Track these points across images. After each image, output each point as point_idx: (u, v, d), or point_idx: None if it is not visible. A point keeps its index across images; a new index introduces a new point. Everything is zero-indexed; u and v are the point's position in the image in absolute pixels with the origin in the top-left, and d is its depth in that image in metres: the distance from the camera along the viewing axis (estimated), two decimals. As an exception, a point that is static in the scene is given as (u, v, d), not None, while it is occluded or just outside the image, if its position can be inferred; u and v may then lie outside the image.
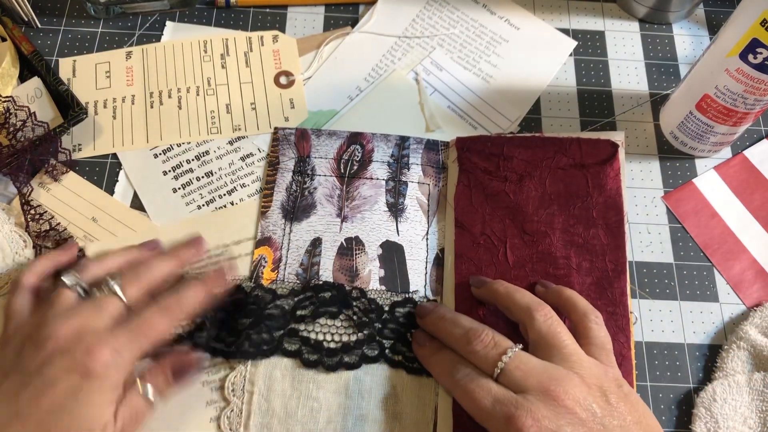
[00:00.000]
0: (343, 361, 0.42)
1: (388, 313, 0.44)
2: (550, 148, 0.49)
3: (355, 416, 0.41)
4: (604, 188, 0.47)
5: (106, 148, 0.51)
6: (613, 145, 0.48)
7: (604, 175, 0.48)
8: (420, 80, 0.54)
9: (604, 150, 0.48)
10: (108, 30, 0.56)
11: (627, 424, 0.35)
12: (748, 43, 0.42)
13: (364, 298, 0.44)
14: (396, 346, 0.43)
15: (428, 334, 0.42)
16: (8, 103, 0.48)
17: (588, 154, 0.48)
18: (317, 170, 0.49)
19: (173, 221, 0.48)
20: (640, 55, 0.57)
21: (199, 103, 0.53)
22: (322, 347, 0.43)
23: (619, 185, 0.47)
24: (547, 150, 0.49)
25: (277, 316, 0.43)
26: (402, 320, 0.44)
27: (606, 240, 0.46)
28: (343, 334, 0.43)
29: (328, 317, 0.44)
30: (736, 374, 0.44)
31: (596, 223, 0.46)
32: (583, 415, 0.35)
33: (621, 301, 0.44)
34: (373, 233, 0.47)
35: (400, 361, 0.43)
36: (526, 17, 0.58)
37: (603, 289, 0.44)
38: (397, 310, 0.44)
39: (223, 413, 0.41)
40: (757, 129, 0.54)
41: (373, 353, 0.43)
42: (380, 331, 0.43)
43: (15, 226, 0.46)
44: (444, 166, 0.50)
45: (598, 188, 0.47)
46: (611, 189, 0.47)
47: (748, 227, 0.50)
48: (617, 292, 0.44)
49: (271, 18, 0.57)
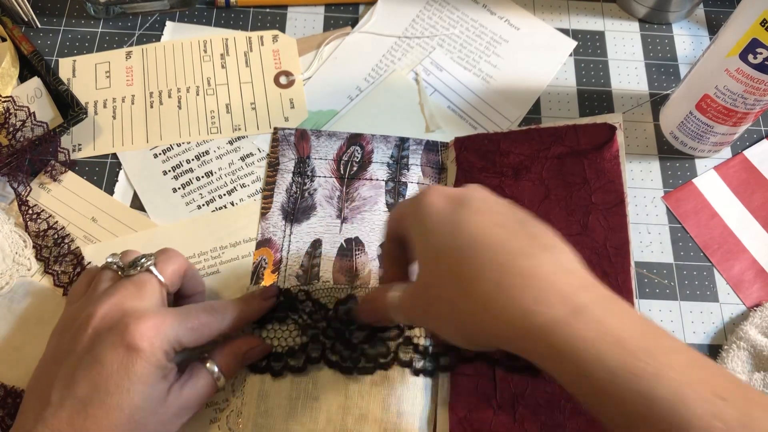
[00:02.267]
0: (288, 365, 0.42)
1: (332, 311, 0.44)
2: (546, 138, 0.48)
3: (355, 416, 0.41)
4: (603, 172, 0.47)
5: (106, 148, 0.51)
6: (611, 128, 0.48)
7: (601, 159, 0.47)
8: (420, 80, 0.54)
9: (602, 134, 0.48)
10: (108, 30, 0.56)
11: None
12: (748, 43, 0.42)
13: (309, 301, 0.44)
14: (335, 345, 0.43)
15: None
16: (8, 103, 0.48)
17: (585, 140, 0.48)
18: (317, 171, 0.49)
19: (173, 221, 0.48)
20: (640, 55, 0.57)
21: (198, 103, 0.53)
22: (271, 354, 0.43)
23: (618, 168, 0.47)
24: (544, 141, 0.48)
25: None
26: (344, 317, 0.43)
27: (606, 224, 0.45)
28: (288, 338, 0.43)
29: (276, 322, 0.43)
30: (736, 374, 0.44)
31: (596, 209, 0.46)
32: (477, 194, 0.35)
33: (625, 288, 0.44)
34: (373, 234, 0.47)
35: (335, 361, 0.42)
36: (526, 17, 0.58)
37: (605, 275, 0.44)
38: (339, 308, 0.44)
39: (224, 413, 0.41)
40: (757, 129, 0.54)
41: (315, 354, 0.42)
42: (324, 331, 0.43)
43: (15, 227, 0.46)
44: (443, 167, 0.50)
45: (596, 173, 0.47)
46: (610, 172, 0.47)
47: (748, 227, 0.50)
48: (621, 279, 0.44)
49: (271, 18, 0.57)
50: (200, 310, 0.39)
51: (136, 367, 0.35)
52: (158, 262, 0.39)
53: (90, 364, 0.35)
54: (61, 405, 0.34)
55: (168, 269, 0.39)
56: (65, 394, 0.34)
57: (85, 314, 0.37)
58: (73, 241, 0.46)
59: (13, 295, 0.44)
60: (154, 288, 0.38)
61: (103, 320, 0.36)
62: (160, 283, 0.39)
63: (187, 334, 0.37)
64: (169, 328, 0.36)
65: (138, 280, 0.38)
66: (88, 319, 0.36)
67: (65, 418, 0.34)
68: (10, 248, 0.45)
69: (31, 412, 0.35)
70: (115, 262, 0.40)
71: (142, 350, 0.35)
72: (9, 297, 0.44)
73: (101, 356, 0.35)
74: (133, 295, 0.37)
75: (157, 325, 0.36)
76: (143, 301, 0.37)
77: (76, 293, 0.40)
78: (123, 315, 0.36)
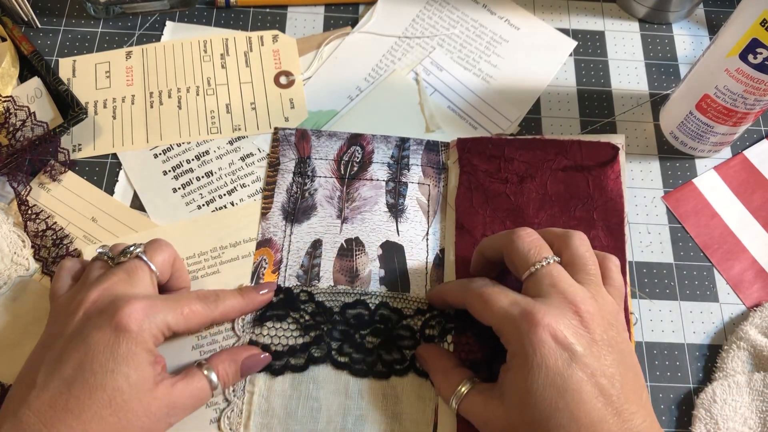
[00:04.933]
0: (290, 363, 0.42)
1: (338, 314, 0.44)
2: (550, 150, 0.49)
3: (355, 416, 0.41)
4: (605, 190, 0.47)
5: (106, 148, 0.51)
6: (614, 148, 0.49)
7: (604, 176, 0.48)
8: (420, 80, 0.54)
9: (604, 152, 0.49)
10: (108, 30, 0.56)
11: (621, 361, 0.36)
12: (748, 43, 0.42)
13: (312, 302, 0.44)
14: (343, 347, 0.43)
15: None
16: (8, 103, 0.48)
17: (588, 156, 0.48)
18: (317, 171, 0.49)
19: (173, 221, 0.48)
20: (640, 55, 0.57)
21: (199, 103, 0.53)
22: (269, 351, 0.42)
23: (620, 187, 0.47)
24: (548, 152, 0.49)
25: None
26: (352, 321, 0.44)
27: (606, 242, 0.46)
28: (290, 337, 0.43)
29: (275, 320, 0.43)
30: (736, 374, 0.44)
31: (596, 225, 0.46)
32: (596, 337, 0.35)
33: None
34: (374, 234, 0.47)
35: (345, 363, 0.43)
36: (526, 17, 0.58)
37: None
38: (347, 312, 0.44)
39: (224, 413, 0.41)
40: (757, 129, 0.54)
41: (318, 354, 0.43)
42: (329, 332, 0.43)
43: (14, 226, 0.46)
44: (444, 167, 0.50)
45: (599, 190, 0.47)
46: (612, 191, 0.47)
47: (748, 227, 0.50)
48: None
49: (271, 18, 0.57)
50: (192, 296, 0.40)
51: (121, 348, 0.35)
52: (148, 251, 0.40)
53: (77, 345, 0.35)
54: (45, 386, 0.34)
55: (158, 257, 0.40)
56: (51, 376, 0.34)
57: (76, 300, 0.37)
58: (72, 242, 0.46)
59: (10, 294, 0.44)
60: (144, 274, 0.39)
61: (93, 304, 0.36)
62: (150, 270, 0.39)
63: (177, 320, 0.38)
64: (159, 312, 0.37)
65: (129, 267, 0.39)
66: (79, 305, 0.37)
67: (47, 399, 0.34)
68: (8, 248, 0.45)
69: (16, 397, 0.35)
70: (105, 253, 0.40)
71: (129, 331, 0.35)
72: (7, 296, 0.44)
73: (89, 337, 0.35)
74: (123, 281, 0.38)
75: (147, 308, 0.36)
76: (134, 287, 0.38)
77: (59, 288, 0.40)
78: (113, 299, 0.36)
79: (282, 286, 0.45)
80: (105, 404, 0.34)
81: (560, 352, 0.34)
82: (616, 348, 0.35)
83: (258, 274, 0.46)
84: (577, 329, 0.35)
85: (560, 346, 0.34)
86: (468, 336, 0.43)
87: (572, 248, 0.38)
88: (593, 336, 0.35)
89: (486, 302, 0.37)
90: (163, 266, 0.40)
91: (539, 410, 0.34)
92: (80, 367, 0.34)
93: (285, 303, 0.44)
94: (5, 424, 0.34)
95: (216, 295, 0.41)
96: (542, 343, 0.34)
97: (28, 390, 0.34)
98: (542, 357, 0.34)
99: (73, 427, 0.33)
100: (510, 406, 0.35)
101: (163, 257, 0.40)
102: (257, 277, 0.46)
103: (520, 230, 0.39)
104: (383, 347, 0.43)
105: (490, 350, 0.42)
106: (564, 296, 0.36)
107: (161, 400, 0.36)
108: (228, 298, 0.41)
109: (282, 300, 0.44)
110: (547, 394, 0.34)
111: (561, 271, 0.37)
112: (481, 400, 0.37)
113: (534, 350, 0.34)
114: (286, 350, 0.43)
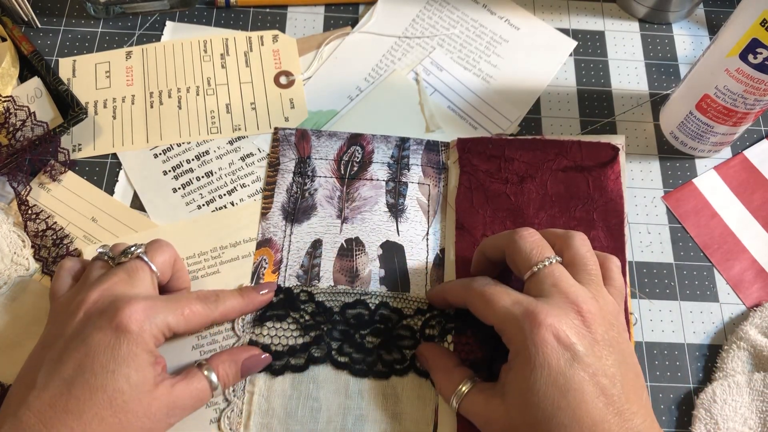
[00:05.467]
0: (290, 363, 0.42)
1: (338, 314, 0.44)
2: (550, 150, 0.49)
3: (355, 416, 0.41)
4: (605, 190, 0.47)
5: (106, 148, 0.51)
6: (614, 149, 0.49)
7: (605, 177, 0.48)
8: (420, 80, 0.54)
9: (604, 153, 0.49)
10: (108, 30, 0.56)
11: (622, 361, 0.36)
12: (748, 43, 0.42)
13: (312, 302, 0.44)
14: (343, 347, 0.43)
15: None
16: (8, 103, 0.48)
17: (588, 157, 0.48)
18: (317, 171, 0.49)
19: (173, 221, 0.48)
20: (640, 55, 0.57)
21: (199, 103, 0.53)
22: (269, 351, 0.42)
23: (620, 188, 0.48)
24: (548, 152, 0.49)
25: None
26: (352, 321, 0.44)
27: (606, 242, 0.46)
28: (290, 337, 0.43)
29: (275, 320, 0.44)
30: (736, 374, 0.44)
31: (596, 225, 0.46)
32: (598, 337, 0.35)
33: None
34: (374, 234, 0.47)
35: (345, 363, 0.43)
36: (526, 17, 0.58)
37: None
38: (347, 312, 0.44)
39: (224, 413, 0.41)
40: (757, 129, 0.54)
41: (318, 354, 0.43)
42: (329, 332, 0.43)
43: (14, 226, 0.46)
44: (444, 167, 0.50)
45: (599, 190, 0.47)
46: (612, 191, 0.47)
47: (748, 227, 0.50)
48: None
49: (271, 18, 0.57)
50: (193, 297, 0.40)
51: (122, 349, 0.35)
52: (149, 251, 0.40)
53: (77, 346, 0.35)
54: (45, 387, 0.34)
55: (159, 258, 0.40)
56: (51, 376, 0.34)
57: (76, 301, 0.37)
58: (72, 242, 0.46)
59: (10, 294, 0.44)
60: (145, 275, 0.39)
61: (94, 305, 0.36)
62: (151, 271, 0.39)
63: (178, 321, 0.37)
64: (160, 312, 0.37)
65: (129, 267, 0.38)
66: (80, 305, 0.37)
67: (48, 400, 0.34)
68: (8, 248, 0.45)
69: (15, 397, 0.35)
70: (105, 253, 0.40)
71: (129, 332, 0.35)
72: (7, 296, 0.44)
73: (89, 338, 0.35)
74: (124, 281, 0.38)
75: (147, 308, 0.36)
76: (134, 287, 0.38)
77: (59, 288, 0.40)
78: (114, 299, 0.36)
79: (282, 286, 0.45)
80: (105, 405, 0.34)
81: (562, 352, 0.34)
82: (617, 348, 0.36)
83: (258, 274, 0.46)
84: (579, 329, 0.35)
85: (562, 346, 0.34)
86: (468, 336, 0.43)
87: (573, 249, 0.38)
88: (595, 336, 0.35)
89: (488, 301, 0.37)
90: (164, 267, 0.40)
91: (541, 410, 0.34)
92: (80, 367, 0.34)
93: (285, 303, 0.44)
94: (5, 425, 0.34)
95: (216, 296, 0.41)
96: (545, 342, 0.34)
97: (28, 390, 0.34)
98: (545, 357, 0.34)
99: (73, 427, 0.33)
100: (511, 406, 0.35)
101: (163, 258, 0.40)
102: (257, 277, 0.46)
103: (523, 230, 0.39)
104: (383, 347, 0.43)
105: (490, 350, 0.42)
106: (566, 296, 0.36)
107: (161, 400, 0.36)
108: (228, 298, 0.41)
109: (282, 300, 0.44)
110: (549, 394, 0.34)
111: (563, 272, 0.37)
112: (482, 399, 0.37)
113: (537, 350, 0.34)
114: (286, 350, 0.43)
